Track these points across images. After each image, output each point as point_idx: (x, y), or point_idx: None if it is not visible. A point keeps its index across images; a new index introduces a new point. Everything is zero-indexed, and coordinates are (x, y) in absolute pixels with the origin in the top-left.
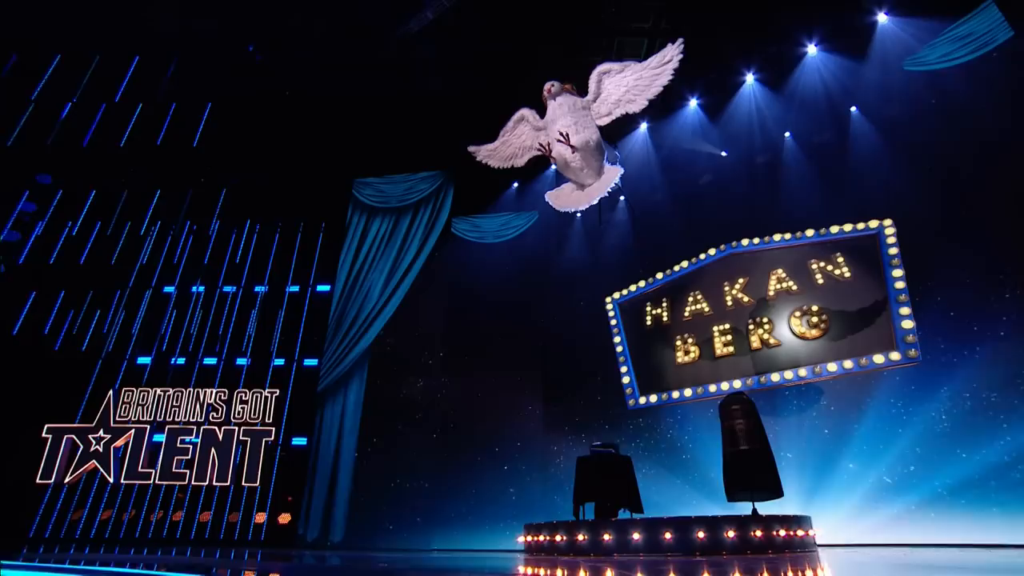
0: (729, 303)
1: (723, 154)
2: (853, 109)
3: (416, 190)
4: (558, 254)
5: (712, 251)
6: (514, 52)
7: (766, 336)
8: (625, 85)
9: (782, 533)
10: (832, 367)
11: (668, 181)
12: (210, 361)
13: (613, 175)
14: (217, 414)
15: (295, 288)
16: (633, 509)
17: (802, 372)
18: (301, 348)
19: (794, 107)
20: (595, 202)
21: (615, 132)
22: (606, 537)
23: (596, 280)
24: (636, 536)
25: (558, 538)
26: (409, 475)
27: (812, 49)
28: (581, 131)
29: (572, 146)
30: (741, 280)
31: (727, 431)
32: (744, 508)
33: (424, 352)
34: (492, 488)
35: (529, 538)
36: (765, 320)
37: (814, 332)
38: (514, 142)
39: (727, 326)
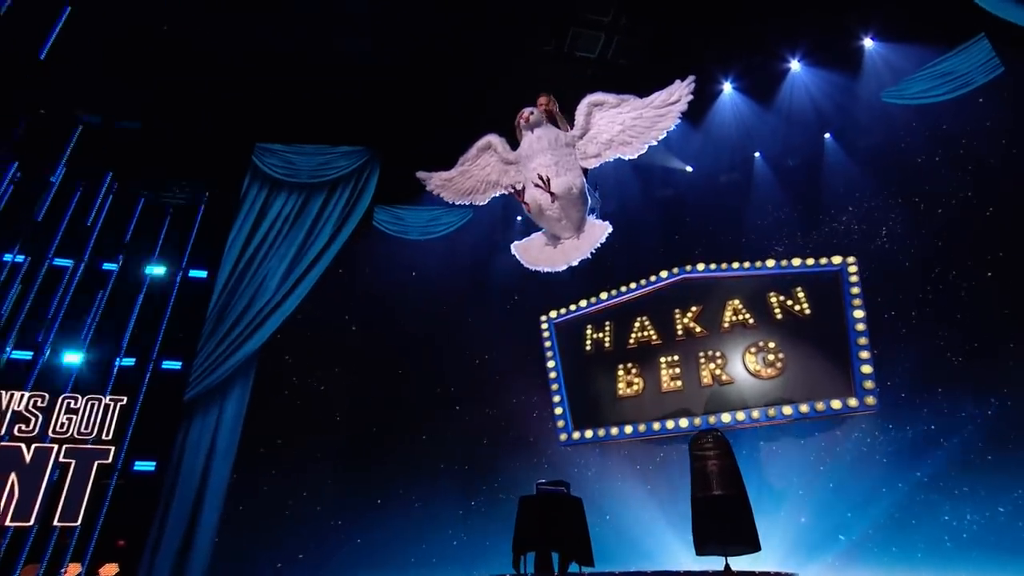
0: (680, 332)
1: (688, 170)
2: (827, 135)
3: (334, 166)
4: (492, 260)
5: (664, 274)
6: (459, 28)
7: (718, 372)
8: (621, 123)
9: None
10: (787, 410)
11: (622, 193)
12: (23, 355)
13: (599, 232)
14: (27, 426)
15: (160, 270)
16: (583, 561)
17: (755, 414)
18: (162, 346)
19: (767, 126)
20: (574, 263)
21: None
22: None
23: (533, 294)
24: None
25: None
26: (304, 511)
27: (795, 65)
28: (563, 173)
29: (552, 193)
30: (694, 308)
31: (697, 472)
32: (716, 563)
33: (329, 361)
34: (408, 527)
35: None
36: (718, 354)
37: (770, 371)
38: (476, 173)
39: (676, 357)
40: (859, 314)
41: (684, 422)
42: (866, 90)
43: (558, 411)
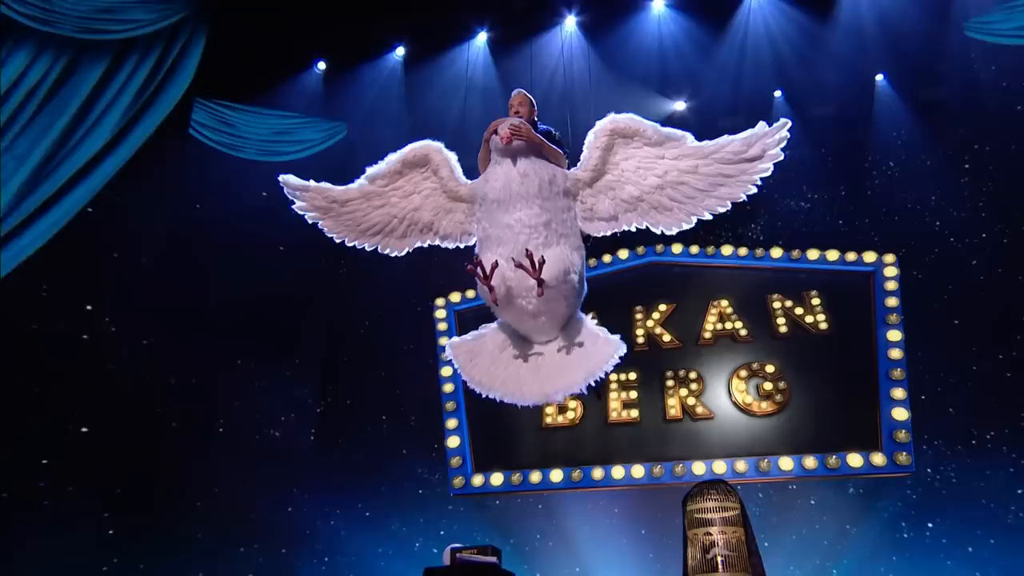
0: (640, 340)
1: (679, 106)
2: (879, 78)
3: (124, 19)
4: None
5: (624, 254)
6: None
7: (692, 402)
8: (661, 174)
9: None
10: (786, 464)
11: (580, 128)
12: None
13: (602, 353)
14: None
15: None
16: None
17: (740, 466)
18: None
19: (797, 53)
20: (557, 399)
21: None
22: None
23: (426, 264)
24: None
25: None
26: None
27: None
28: (556, 242)
29: (541, 279)
30: (664, 307)
31: (694, 543)
32: None
33: (109, 324)
34: None
35: None
36: (693, 376)
37: (765, 406)
38: (395, 202)
39: (631, 376)
40: (895, 336)
41: (638, 471)
42: (940, 18)
43: (452, 442)
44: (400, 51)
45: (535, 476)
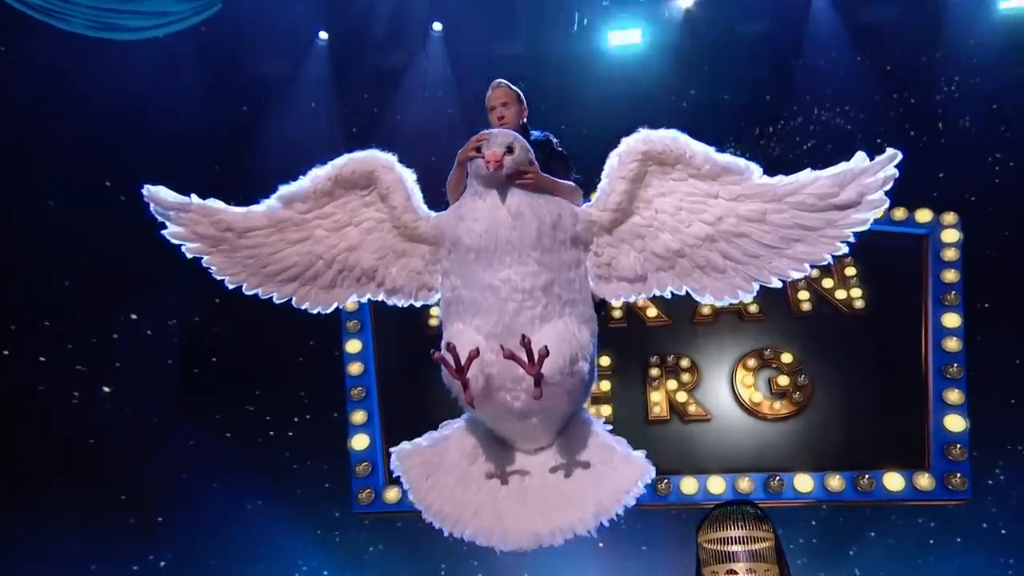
0: (616, 313)
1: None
2: None
3: None
4: (264, 115)
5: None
6: None
7: (683, 397)
8: (711, 220)
9: None
10: (804, 483)
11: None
12: None
13: (628, 477)
14: None
15: None
16: None
17: (744, 484)
18: None
19: None
20: (556, 542)
21: None
22: None
23: None
24: None
25: None
26: None
27: None
28: (560, 314)
29: (540, 376)
30: None
31: None
32: None
33: None
34: None
35: None
36: (685, 364)
37: (780, 406)
38: (323, 237)
39: (605, 361)
40: (953, 320)
41: None
42: None
43: (359, 443)
44: None
45: None
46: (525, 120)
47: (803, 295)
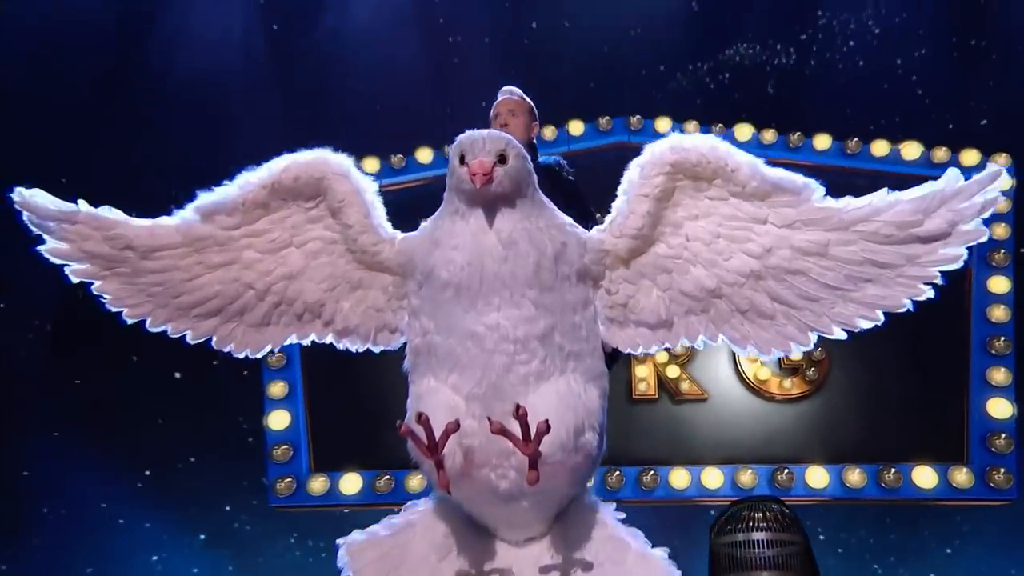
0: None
1: None
2: None
3: None
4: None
5: (578, 128)
6: None
7: (675, 372)
8: (758, 252)
9: None
10: (818, 477)
11: None
12: None
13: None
14: None
15: None
16: None
17: (745, 477)
18: None
19: None
20: None
21: None
22: None
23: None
24: None
25: None
26: None
27: None
28: (558, 372)
29: (537, 455)
30: None
31: None
32: None
33: None
34: None
35: None
36: None
37: (790, 384)
38: (255, 261)
39: None
40: (1001, 285)
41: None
42: None
43: (277, 421)
44: None
45: (414, 481)
46: (534, 138)
47: None
